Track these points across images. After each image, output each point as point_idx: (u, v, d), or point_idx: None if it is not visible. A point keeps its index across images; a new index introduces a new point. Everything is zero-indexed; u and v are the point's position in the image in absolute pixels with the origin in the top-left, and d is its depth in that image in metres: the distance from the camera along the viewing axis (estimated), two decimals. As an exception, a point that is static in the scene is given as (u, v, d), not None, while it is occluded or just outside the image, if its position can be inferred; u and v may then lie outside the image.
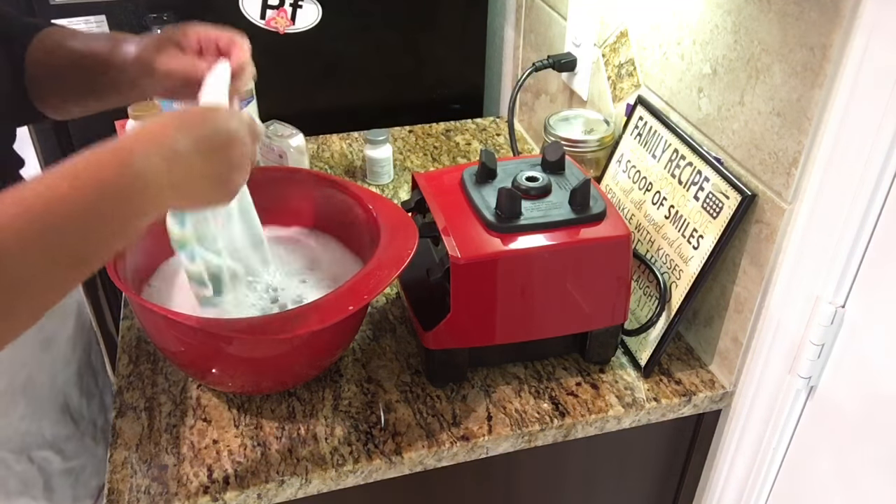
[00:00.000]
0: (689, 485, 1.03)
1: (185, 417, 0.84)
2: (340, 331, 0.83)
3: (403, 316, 0.99)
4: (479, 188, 0.86)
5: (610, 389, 0.89)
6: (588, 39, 1.13)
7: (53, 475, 0.91)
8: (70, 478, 0.94)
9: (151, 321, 0.78)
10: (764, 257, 0.80)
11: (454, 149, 1.41)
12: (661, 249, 0.91)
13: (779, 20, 0.73)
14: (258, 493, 0.77)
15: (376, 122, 1.39)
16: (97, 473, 0.99)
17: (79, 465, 0.95)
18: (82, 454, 0.96)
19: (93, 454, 0.98)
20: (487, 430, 0.83)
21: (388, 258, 0.78)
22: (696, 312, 0.94)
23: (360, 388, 0.88)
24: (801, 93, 0.72)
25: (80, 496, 0.96)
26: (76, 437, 0.95)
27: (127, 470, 0.78)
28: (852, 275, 0.72)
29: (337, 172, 1.32)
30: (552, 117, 1.09)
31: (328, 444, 0.81)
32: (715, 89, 0.84)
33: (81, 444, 0.96)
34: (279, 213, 0.97)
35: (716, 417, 0.94)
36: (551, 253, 0.80)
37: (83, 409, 0.96)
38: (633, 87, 1.03)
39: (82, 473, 0.96)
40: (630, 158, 0.99)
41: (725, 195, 0.82)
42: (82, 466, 0.96)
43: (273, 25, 1.33)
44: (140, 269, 0.86)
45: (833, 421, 0.78)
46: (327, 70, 1.44)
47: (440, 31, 1.47)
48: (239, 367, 0.81)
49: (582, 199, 0.82)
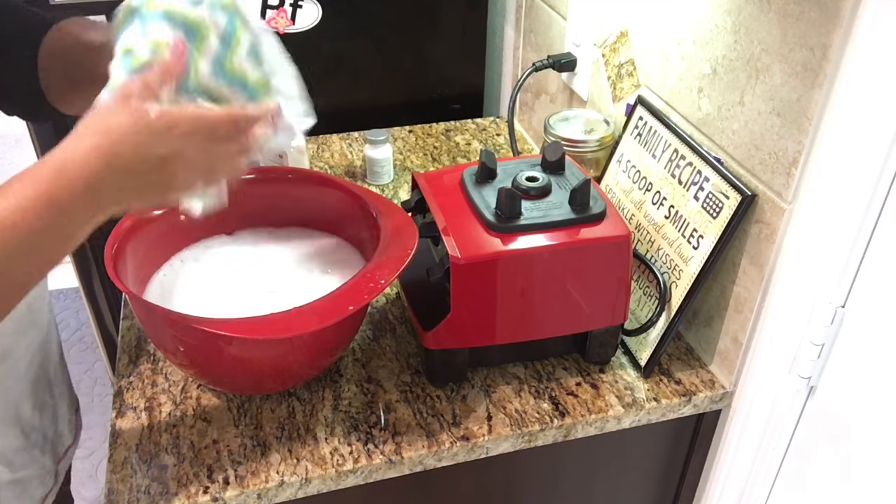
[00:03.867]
0: (689, 485, 1.03)
1: (184, 417, 0.84)
2: (340, 331, 0.83)
3: (403, 316, 0.99)
4: (479, 188, 0.86)
5: (610, 389, 0.89)
6: (588, 39, 1.13)
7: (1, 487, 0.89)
8: (17, 489, 0.91)
9: (151, 321, 0.78)
10: (764, 257, 0.80)
11: (454, 149, 1.41)
12: (661, 249, 0.91)
13: (779, 20, 0.73)
14: (258, 493, 0.77)
15: (376, 122, 1.39)
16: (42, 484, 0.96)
17: (25, 477, 0.92)
18: (30, 465, 0.93)
19: (40, 465, 0.95)
20: (487, 430, 0.83)
21: (388, 258, 0.78)
22: (696, 312, 0.94)
23: (360, 388, 0.88)
24: (801, 93, 0.72)
25: None
26: (25, 449, 0.91)
27: (127, 470, 0.78)
28: (852, 275, 0.72)
29: (337, 172, 1.32)
30: (552, 117, 1.09)
31: (328, 444, 0.81)
32: (715, 89, 0.84)
33: (30, 455, 0.92)
34: (279, 213, 0.97)
35: (716, 417, 0.94)
36: (551, 253, 0.80)
37: (35, 421, 0.93)
38: (633, 87, 1.03)
39: (28, 485, 0.94)
40: (630, 158, 0.99)
41: (725, 195, 0.82)
42: (29, 478, 0.93)
43: (273, 25, 1.33)
44: (140, 270, 0.87)
45: (833, 421, 0.78)
46: (327, 70, 1.44)
47: (440, 31, 1.47)
48: (239, 367, 0.81)
49: (582, 199, 0.82)
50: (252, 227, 0.97)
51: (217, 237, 0.95)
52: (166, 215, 0.89)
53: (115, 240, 0.81)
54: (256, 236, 0.96)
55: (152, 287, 0.87)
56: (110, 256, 0.78)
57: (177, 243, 0.92)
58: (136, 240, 0.84)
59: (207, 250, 0.93)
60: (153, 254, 0.89)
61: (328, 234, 0.97)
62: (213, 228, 0.95)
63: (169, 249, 0.92)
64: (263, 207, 0.96)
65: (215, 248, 0.94)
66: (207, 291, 0.87)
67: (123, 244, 0.82)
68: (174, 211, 0.89)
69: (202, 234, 0.94)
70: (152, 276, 0.89)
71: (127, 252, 0.82)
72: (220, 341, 0.75)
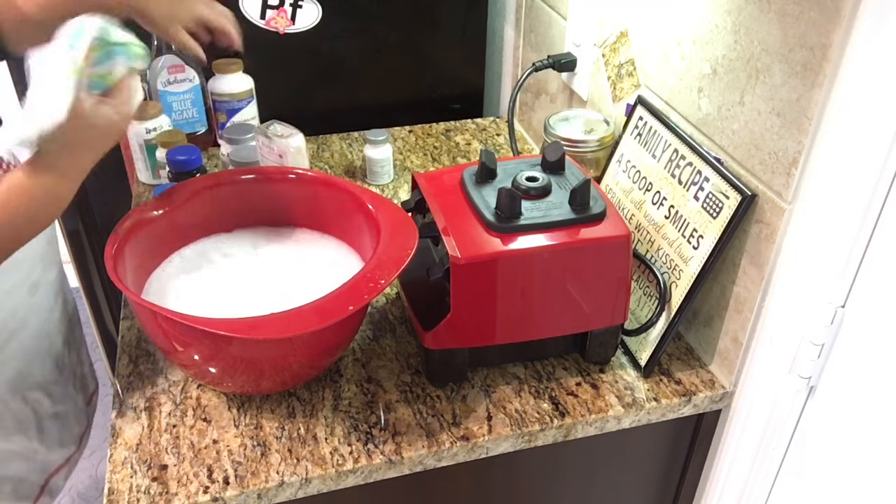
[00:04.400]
0: (689, 485, 1.03)
1: (184, 417, 0.84)
2: (340, 331, 0.83)
3: (403, 316, 0.99)
4: (479, 188, 0.86)
5: (610, 389, 0.89)
6: (588, 39, 1.13)
7: (45, 417, 0.95)
8: (57, 422, 0.98)
9: (151, 321, 0.78)
10: (764, 257, 0.80)
11: (454, 149, 1.41)
12: (661, 249, 0.91)
13: (779, 20, 0.73)
14: (258, 493, 0.77)
15: (376, 122, 1.39)
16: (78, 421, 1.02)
17: (64, 411, 0.98)
18: (67, 400, 0.99)
19: (74, 402, 1.02)
20: (487, 430, 0.83)
21: (388, 258, 0.78)
22: (696, 312, 0.94)
23: (360, 388, 0.88)
24: (801, 93, 0.72)
25: (66, 441, 1.00)
26: (62, 383, 0.98)
27: (127, 470, 0.78)
28: (852, 275, 0.72)
29: (337, 172, 1.32)
30: (552, 117, 1.09)
31: (328, 444, 0.81)
32: (715, 89, 0.84)
33: (66, 390, 0.99)
34: (279, 214, 0.97)
35: (716, 417, 0.94)
36: (551, 253, 0.80)
37: (65, 356, 1.00)
38: (633, 87, 1.03)
39: (67, 419, 0.99)
40: (630, 158, 0.99)
41: (725, 195, 0.82)
42: (66, 412, 0.99)
43: (273, 25, 1.33)
44: (140, 269, 0.87)
45: (833, 421, 0.78)
46: (327, 70, 1.44)
47: (440, 31, 1.47)
48: (239, 367, 0.81)
49: (582, 199, 0.82)
50: (251, 227, 0.97)
51: (217, 236, 0.95)
52: (166, 215, 0.89)
53: (115, 240, 0.81)
54: (256, 236, 0.96)
55: (152, 287, 0.87)
56: (110, 256, 0.78)
57: (176, 243, 0.92)
58: (136, 240, 0.84)
59: (207, 250, 0.94)
60: (153, 254, 0.89)
61: (328, 234, 0.97)
62: (212, 228, 0.95)
63: (168, 249, 0.92)
64: (263, 207, 0.97)
65: (215, 248, 0.94)
66: (207, 291, 0.87)
67: (123, 244, 0.82)
68: (174, 211, 0.90)
69: (202, 234, 0.95)
70: (152, 275, 0.89)
71: (127, 252, 0.82)
72: (220, 341, 0.75)
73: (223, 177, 0.97)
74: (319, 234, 0.97)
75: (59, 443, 0.98)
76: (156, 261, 0.90)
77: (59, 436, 0.98)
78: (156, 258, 0.90)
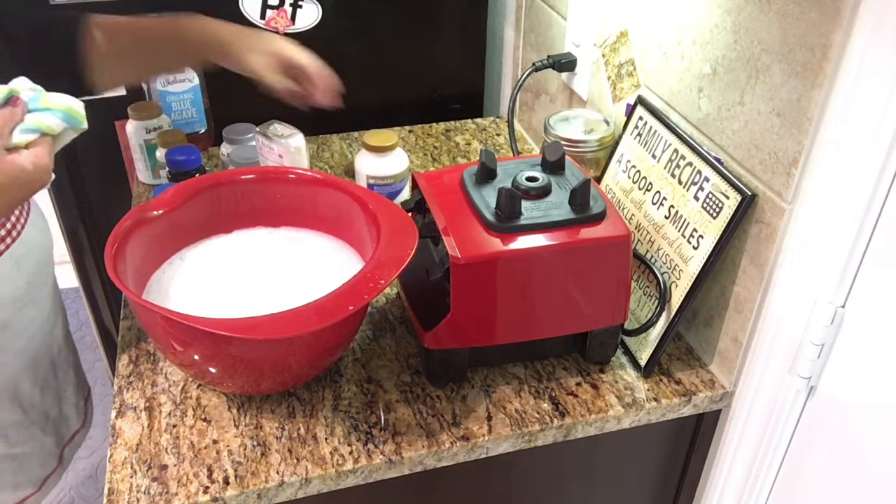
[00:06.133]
0: (689, 485, 1.03)
1: (184, 417, 0.84)
2: (340, 331, 0.83)
3: (403, 316, 0.99)
4: (479, 188, 0.86)
5: (610, 389, 0.89)
6: (588, 39, 1.13)
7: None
8: (13, 464, 0.95)
9: (151, 321, 0.78)
10: (764, 257, 0.80)
11: (454, 149, 1.41)
12: (661, 249, 0.91)
13: (779, 20, 0.73)
14: (258, 493, 0.77)
15: (376, 122, 1.39)
16: (43, 464, 0.99)
17: (22, 453, 0.95)
18: (28, 442, 0.96)
19: (40, 444, 0.98)
20: (487, 430, 0.83)
21: (388, 258, 0.78)
22: (696, 312, 0.94)
23: (360, 388, 0.88)
24: (801, 93, 0.72)
25: (22, 483, 0.97)
26: (23, 425, 0.95)
27: (127, 470, 0.78)
28: (852, 275, 0.72)
29: (337, 172, 1.32)
30: (552, 117, 1.09)
31: (328, 444, 0.81)
32: (715, 89, 0.84)
33: (28, 432, 0.96)
34: (279, 214, 0.97)
35: (716, 417, 0.94)
36: (551, 253, 0.80)
37: (35, 398, 0.96)
38: (633, 87, 1.03)
39: (26, 462, 0.97)
40: (630, 158, 0.99)
41: (725, 195, 0.82)
42: (27, 455, 0.96)
43: (273, 25, 1.33)
44: (140, 270, 0.87)
45: (833, 421, 0.78)
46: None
47: (440, 31, 1.47)
48: (239, 367, 0.81)
49: (582, 199, 0.82)
50: (251, 227, 0.97)
51: (216, 237, 0.95)
52: (166, 215, 0.89)
53: (115, 240, 0.81)
54: (256, 236, 0.96)
55: (152, 287, 0.87)
56: (110, 256, 0.78)
57: (176, 243, 0.92)
58: (136, 240, 0.84)
59: (207, 250, 0.94)
60: (153, 254, 0.89)
61: (328, 234, 0.97)
62: (212, 228, 0.95)
63: (168, 249, 0.92)
64: (263, 207, 0.97)
65: (215, 248, 0.94)
66: (207, 291, 0.87)
67: (123, 244, 0.82)
68: (174, 211, 0.90)
69: (201, 234, 0.95)
70: (152, 275, 0.89)
71: (127, 252, 0.82)
72: (220, 341, 0.75)
73: (223, 177, 0.97)
74: (319, 234, 0.97)
75: (13, 485, 0.96)
76: (156, 261, 0.90)
77: (12, 478, 0.96)
78: (156, 258, 0.90)
